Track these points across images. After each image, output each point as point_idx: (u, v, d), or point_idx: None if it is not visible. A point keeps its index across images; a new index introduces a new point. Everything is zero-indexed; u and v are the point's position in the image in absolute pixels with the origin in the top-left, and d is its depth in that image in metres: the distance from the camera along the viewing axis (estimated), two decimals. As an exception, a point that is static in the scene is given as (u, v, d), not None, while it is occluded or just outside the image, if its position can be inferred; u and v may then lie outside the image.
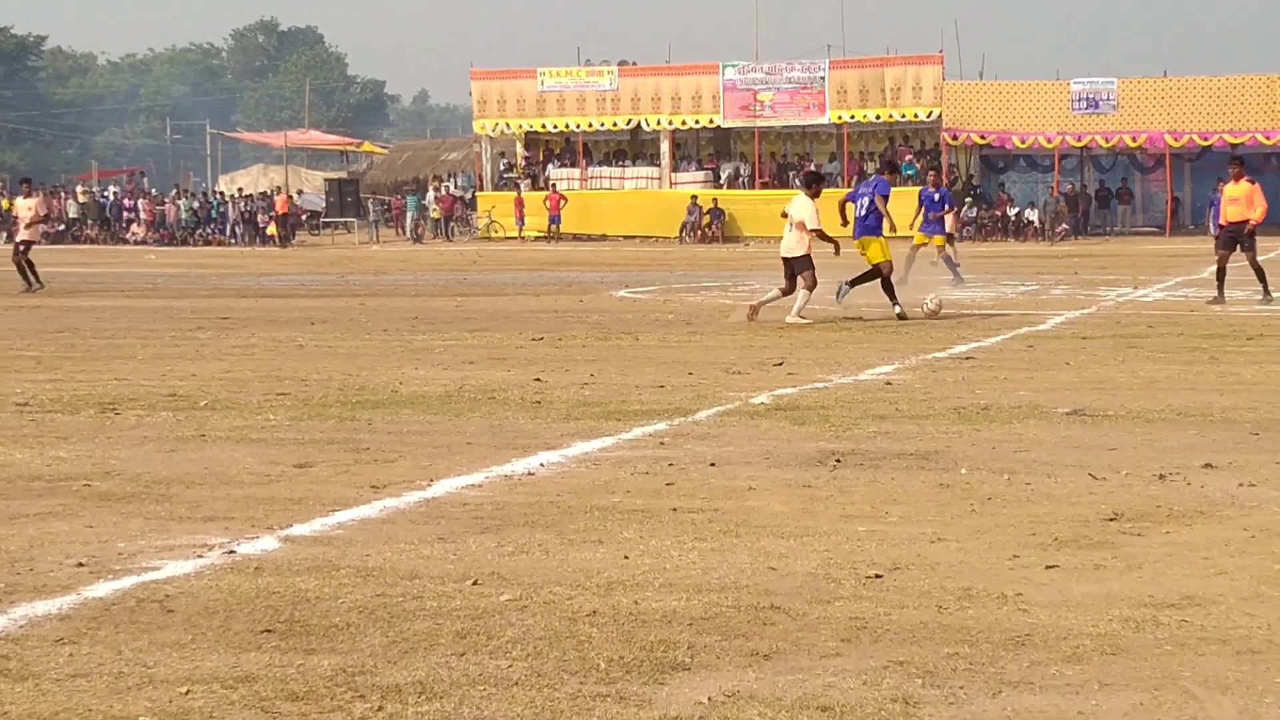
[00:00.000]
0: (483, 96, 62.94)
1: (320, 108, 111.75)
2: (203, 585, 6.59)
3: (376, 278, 35.04)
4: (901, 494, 8.56)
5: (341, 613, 6.15)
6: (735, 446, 10.23)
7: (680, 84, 60.28)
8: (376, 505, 8.34)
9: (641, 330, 19.77)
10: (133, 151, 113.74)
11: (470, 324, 21.12)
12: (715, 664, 5.47)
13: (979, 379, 13.88)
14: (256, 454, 10.06)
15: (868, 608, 6.18)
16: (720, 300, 25.69)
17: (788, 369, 14.91)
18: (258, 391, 13.30)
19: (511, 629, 5.90)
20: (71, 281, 34.39)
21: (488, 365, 15.51)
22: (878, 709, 4.98)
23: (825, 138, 61.68)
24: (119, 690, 5.20)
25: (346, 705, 5.04)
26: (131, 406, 12.38)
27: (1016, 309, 23.40)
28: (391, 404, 12.47)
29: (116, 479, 9.16)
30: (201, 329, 20.44)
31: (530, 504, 8.33)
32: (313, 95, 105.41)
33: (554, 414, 11.84)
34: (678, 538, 7.49)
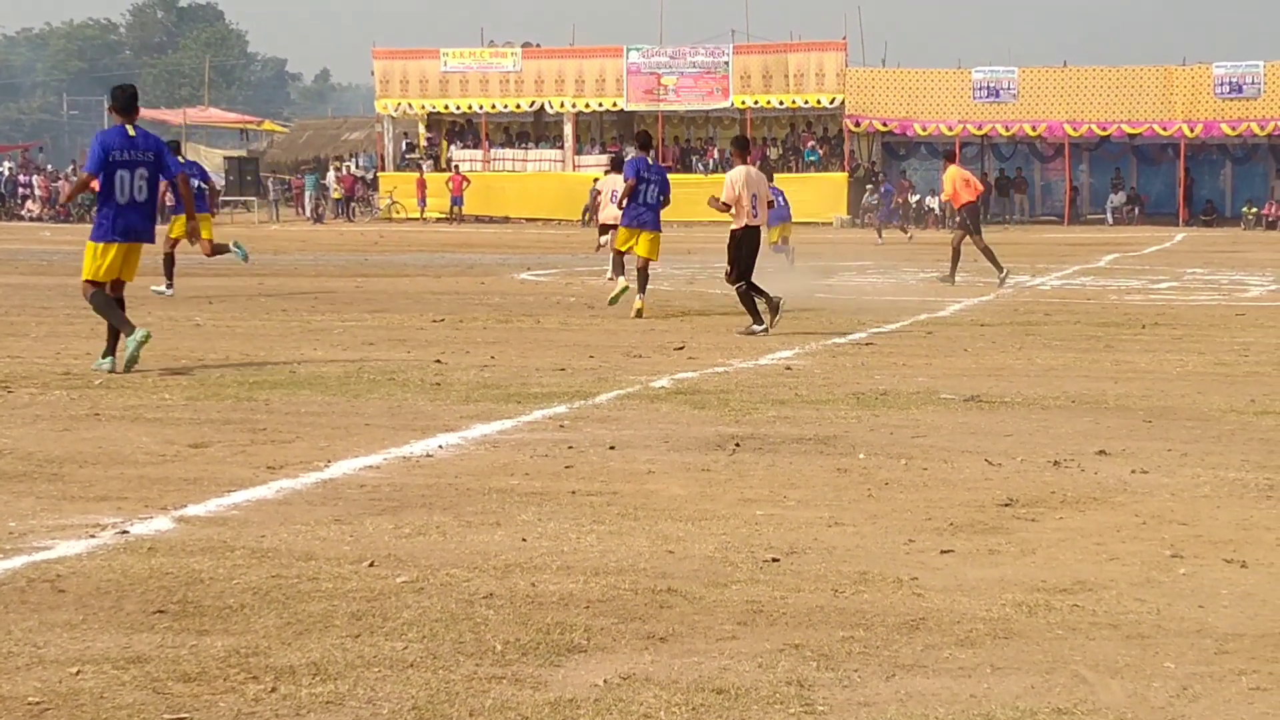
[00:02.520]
0: (385, 76, 62.65)
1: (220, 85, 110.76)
2: (95, 565, 6.52)
3: (276, 257, 34.74)
4: (799, 478, 8.59)
5: (235, 594, 6.10)
6: (635, 430, 10.24)
7: (584, 66, 60.27)
8: (273, 486, 8.27)
9: (543, 313, 19.74)
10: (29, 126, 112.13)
11: (370, 305, 21.00)
12: (612, 646, 5.47)
13: (878, 364, 13.97)
14: (151, 433, 9.95)
15: (764, 591, 6.20)
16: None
17: (688, 353, 14.94)
18: (153, 371, 13.15)
19: (407, 611, 5.88)
20: (-35, 257, 33.89)
21: (387, 346, 15.43)
22: (773, 691, 5.00)
23: (729, 122, 61.83)
24: (7, 670, 5.13)
25: (239, 686, 5.00)
26: (25, 384, 12.22)
27: (916, 296, 23.58)
28: (289, 384, 12.37)
29: (8, 457, 9.03)
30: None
31: (428, 486, 8.30)
32: (212, 72, 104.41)
33: (453, 396, 11.80)
34: (576, 520, 7.49)
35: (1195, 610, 5.99)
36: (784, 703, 4.90)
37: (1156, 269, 31.49)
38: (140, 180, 13.35)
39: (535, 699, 4.91)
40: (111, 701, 4.85)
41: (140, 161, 13.33)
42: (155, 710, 4.78)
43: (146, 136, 13.54)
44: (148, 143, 13.47)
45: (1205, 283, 27.26)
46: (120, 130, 13.36)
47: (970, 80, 57.93)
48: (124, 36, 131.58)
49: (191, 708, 4.81)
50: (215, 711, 4.78)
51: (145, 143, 13.42)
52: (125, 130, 13.34)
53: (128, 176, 13.29)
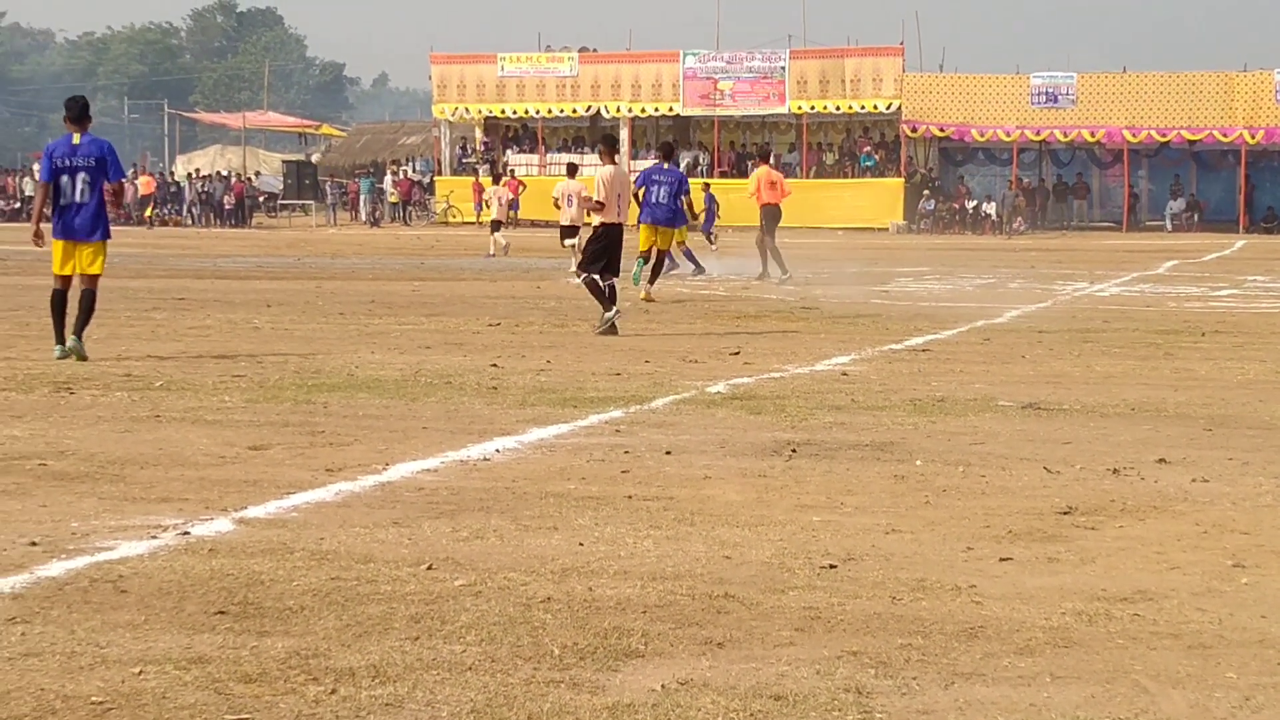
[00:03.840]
0: (442, 81, 62.84)
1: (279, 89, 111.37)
2: (157, 566, 6.57)
3: (333, 261, 34.93)
4: (857, 485, 8.58)
5: (295, 595, 6.13)
6: (691, 435, 10.24)
7: (640, 71, 60.30)
8: (332, 488, 8.31)
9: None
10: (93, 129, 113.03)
11: (427, 309, 21.08)
12: (669, 651, 5.47)
13: (935, 371, 13.93)
14: (211, 435, 10.02)
15: (822, 597, 6.19)
16: (678, 288, 25.68)
17: (744, 358, 14.93)
18: (213, 373, 13.25)
19: (466, 614, 5.89)
20: (26, 260, 34.14)
21: (444, 350, 15.48)
22: (830, 699, 4.99)
23: (784, 128, 61.80)
24: (71, 670, 5.18)
25: (300, 688, 5.03)
26: (87, 386, 12.31)
27: (973, 302, 23.49)
28: (347, 387, 12.43)
29: (71, 458, 9.11)
30: (157, 309, 20.34)
31: (485, 490, 8.32)
32: (271, 77, 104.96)
33: (510, 400, 11.83)
34: (633, 525, 7.50)
35: (1258, 620, 5.95)
36: (842, 710, 4.89)
37: (1216, 276, 31.28)
38: (82, 184, 14.26)
39: (593, 703, 4.92)
40: (174, 702, 4.88)
41: (81, 167, 14.27)
42: (217, 711, 4.81)
43: (92, 143, 14.38)
44: (92, 149, 14.34)
45: (1266, 290, 27.07)
46: (66, 139, 14.41)
47: (1028, 86, 57.66)
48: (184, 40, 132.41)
49: (253, 709, 4.84)
50: (276, 713, 4.81)
51: (88, 149, 14.32)
52: (70, 138, 14.35)
53: (70, 180, 14.27)
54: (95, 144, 14.40)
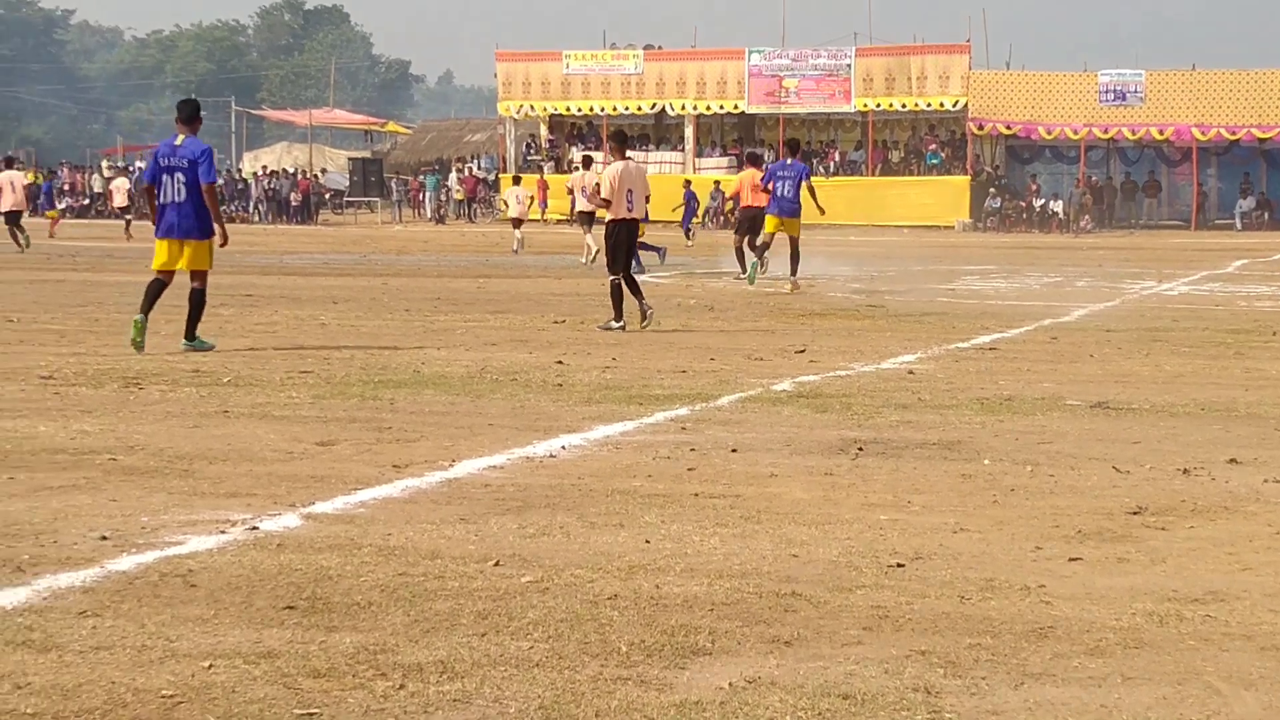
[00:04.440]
0: (508, 78, 62.95)
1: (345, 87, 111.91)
2: (225, 561, 6.61)
3: (399, 258, 35.07)
4: (924, 483, 8.54)
5: (363, 591, 6.15)
6: (757, 433, 10.22)
7: (705, 69, 60.22)
8: (399, 484, 8.34)
9: (663, 315, 19.72)
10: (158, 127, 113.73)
11: (492, 305, 21.12)
12: (736, 650, 5.46)
13: (1002, 370, 13.85)
14: (279, 431, 10.07)
15: (889, 596, 6.16)
16: (744, 287, 25.65)
17: (809, 356, 14.89)
18: (280, 369, 13.32)
19: (533, 611, 5.90)
20: (95, 256, 34.47)
21: (510, 347, 15.51)
22: (899, 698, 4.97)
23: (850, 125, 61.59)
24: (142, 663, 5.21)
25: (368, 683, 5.05)
26: (155, 381, 12.40)
27: (1040, 301, 23.36)
28: (414, 384, 12.47)
29: (140, 453, 9.18)
30: (225, 306, 20.44)
31: (552, 486, 8.33)
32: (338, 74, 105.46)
33: (575, 397, 11.84)
34: (699, 523, 7.49)
35: (1331, 623, 5.88)
36: (911, 709, 4.87)
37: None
38: (179, 183, 14.78)
39: (661, 701, 4.91)
40: (243, 696, 4.91)
41: (178, 167, 14.79)
42: (286, 705, 4.83)
43: (190, 144, 14.85)
44: (188, 150, 14.80)
45: (1337, 289, 26.79)
46: (171, 139, 15.01)
47: (1096, 83, 57.24)
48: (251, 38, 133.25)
49: (321, 703, 4.85)
50: (344, 707, 4.83)
51: (186, 150, 14.80)
52: (174, 139, 14.95)
53: (169, 180, 14.81)
54: (193, 145, 14.81)
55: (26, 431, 9.91)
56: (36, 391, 11.83)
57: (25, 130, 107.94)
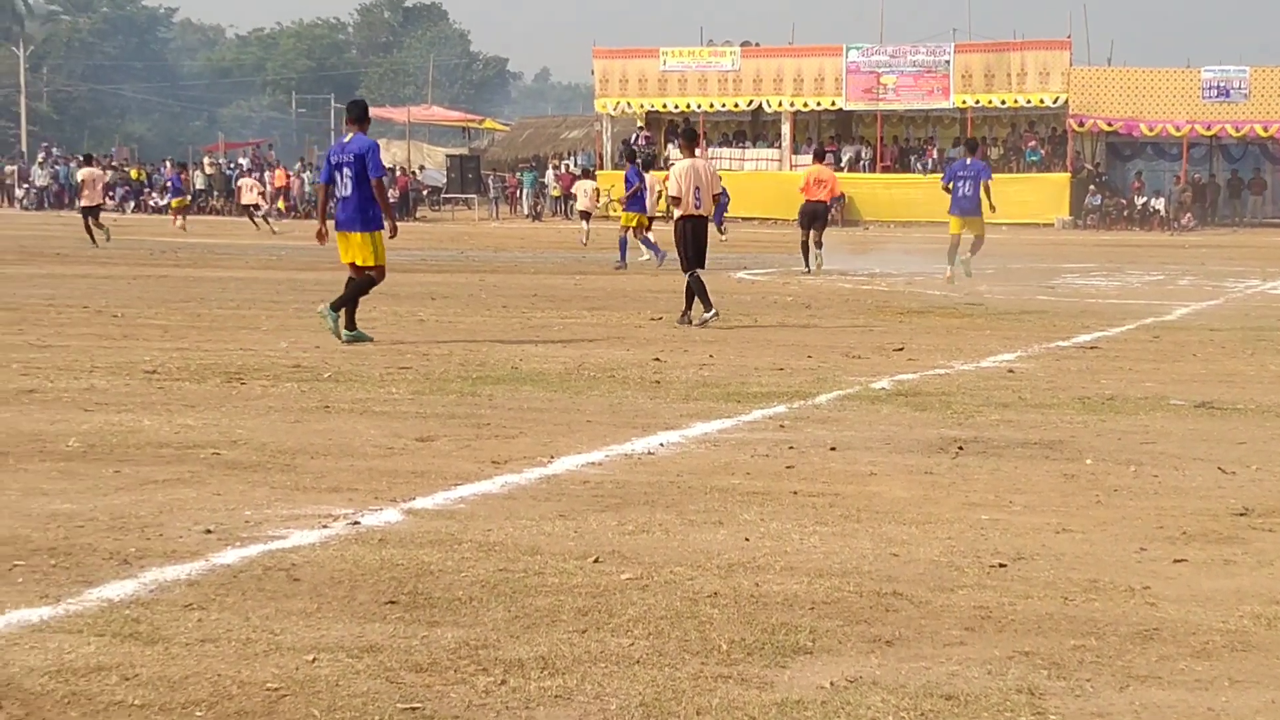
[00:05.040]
0: (605, 75, 63.04)
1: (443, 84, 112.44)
2: (328, 555, 6.66)
3: (496, 254, 35.21)
4: (1025, 483, 8.47)
5: (464, 586, 6.18)
6: (856, 431, 10.18)
7: (803, 65, 60.03)
8: (498, 480, 8.37)
9: (760, 312, 19.73)
10: (258, 124, 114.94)
11: (589, 302, 21.16)
12: (837, 649, 5.44)
13: (1104, 369, 13.72)
14: (379, 426, 10.13)
15: (992, 597, 6.12)
16: (840, 284, 25.57)
17: (908, 354, 14.81)
18: (380, 365, 13.40)
19: (633, 608, 5.90)
20: (197, 252, 34.84)
21: (607, 344, 15.53)
22: (1002, 699, 4.93)
23: (949, 122, 61.17)
24: (247, 656, 5.26)
25: (470, 678, 5.07)
26: (257, 376, 12.52)
27: (1142, 299, 23.11)
28: (512, 380, 12.52)
29: (243, 448, 9.26)
30: (324, 301, 20.59)
31: (650, 483, 8.33)
32: (436, 71, 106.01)
33: (673, 394, 11.84)
34: (798, 521, 7.46)
35: None
36: (1015, 711, 4.83)
37: (1394, 274, 30.49)
38: (347, 179, 15.31)
39: (762, 699, 4.90)
40: (347, 690, 4.94)
41: (346, 163, 15.32)
42: (389, 699, 4.86)
43: (358, 141, 15.42)
44: (356, 146, 15.35)
45: None
46: (341, 138, 15.65)
47: (1199, 80, 56.57)
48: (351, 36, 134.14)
49: (424, 698, 4.88)
50: (447, 702, 4.85)
51: (354, 146, 15.35)
52: (344, 137, 15.58)
53: (339, 177, 15.40)
54: (360, 141, 15.41)
55: (131, 425, 10.03)
56: (141, 386, 11.97)
57: (128, 127, 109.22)
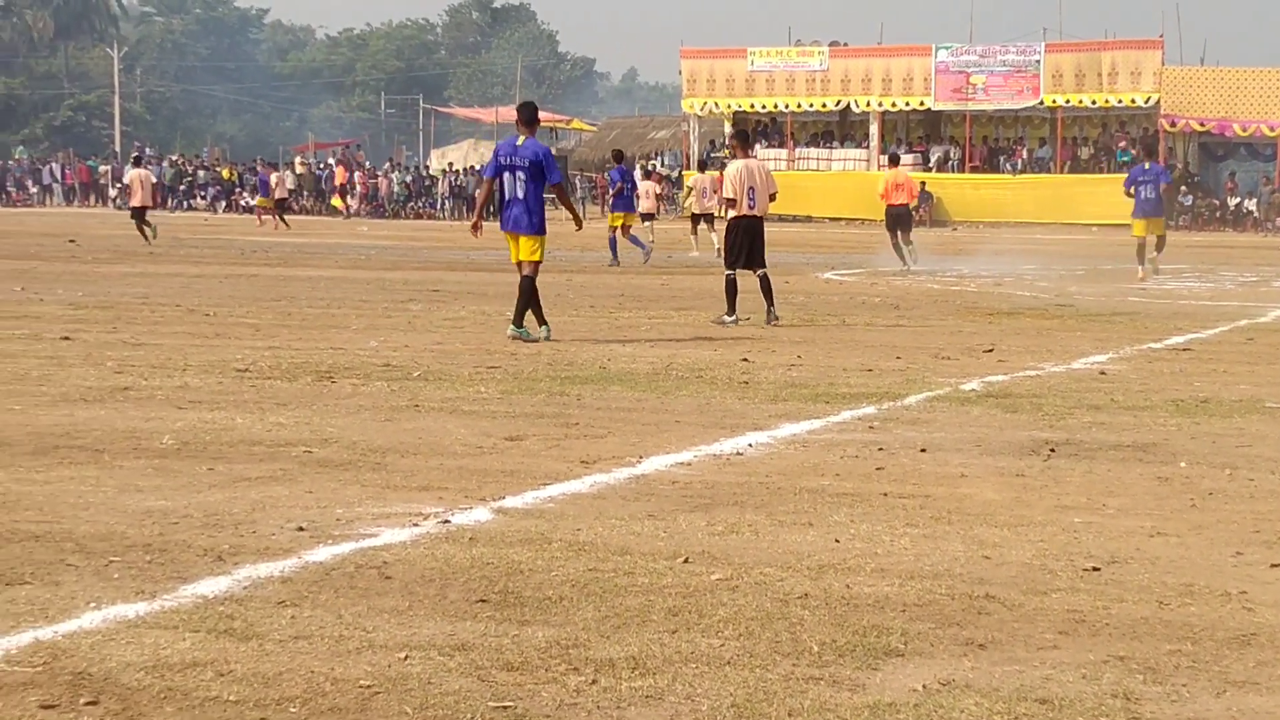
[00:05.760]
0: (692, 75, 63.02)
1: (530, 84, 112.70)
2: (419, 553, 6.69)
3: (583, 254, 35.23)
4: (1118, 486, 8.40)
5: (554, 585, 6.19)
6: (946, 433, 10.12)
7: (891, 65, 59.77)
8: (587, 480, 8.39)
9: (848, 313, 19.66)
10: (348, 124, 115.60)
11: (675, 302, 21.16)
12: (930, 651, 5.41)
13: (1197, 371, 13.58)
14: (469, 426, 10.17)
15: (1085, 600, 6.07)
16: (928, 285, 25.44)
17: (998, 356, 14.72)
18: (469, 364, 13.46)
19: (723, 608, 5.89)
20: (287, 251, 35.11)
21: (694, 344, 15.53)
22: (1097, 704, 4.88)
23: (1038, 122, 60.69)
24: (340, 653, 5.29)
25: (560, 677, 5.08)
26: (347, 375, 12.60)
27: (1235, 301, 22.86)
28: (600, 380, 12.54)
29: (334, 446, 9.32)
30: (413, 301, 20.74)
31: (739, 484, 8.32)
32: (524, 72, 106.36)
33: (761, 395, 11.82)
34: (889, 523, 7.43)
35: None
36: (1110, 716, 4.79)
37: None
38: (519, 181, 15.61)
39: (854, 701, 4.88)
40: (439, 688, 4.96)
41: (519, 166, 15.61)
42: (480, 697, 4.87)
43: (531, 145, 15.73)
44: (530, 150, 15.67)
45: None
46: (511, 140, 15.89)
47: (1294, 79, 55.87)
48: (440, 37, 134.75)
49: (515, 696, 4.89)
50: (538, 701, 4.86)
51: (527, 150, 15.66)
52: (515, 139, 15.82)
53: (511, 178, 15.66)
54: (534, 147, 15.77)
55: (224, 423, 10.12)
56: (233, 384, 12.08)
57: (220, 127, 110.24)
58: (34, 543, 6.81)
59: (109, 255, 31.74)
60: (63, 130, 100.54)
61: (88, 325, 16.57)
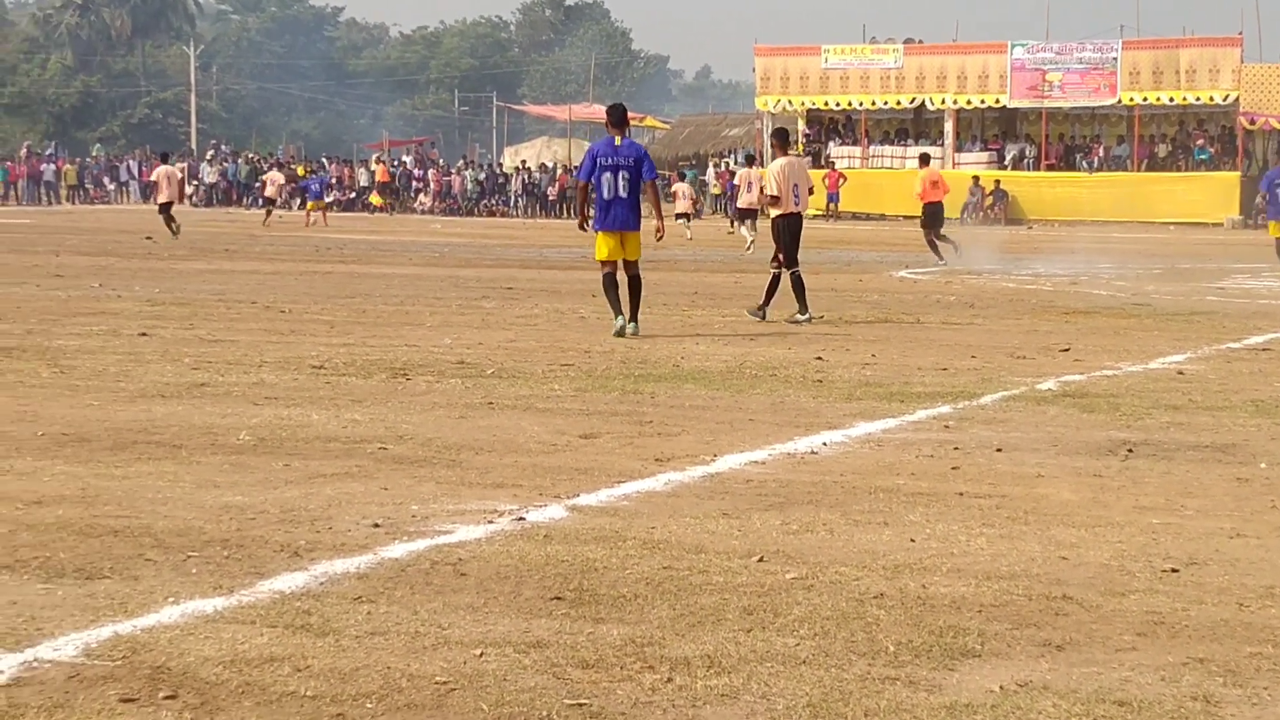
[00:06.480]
0: (766, 73, 62.90)
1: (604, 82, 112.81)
2: (494, 550, 6.70)
3: (654, 252, 35.21)
4: (1197, 487, 8.32)
5: (629, 584, 6.19)
6: (1022, 432, 10.06)
7: (967, 63, 59.45)
8: (661, 478, 8.38)
9: (922, 311, 19.57)
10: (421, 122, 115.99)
11: (749, 300, 21.06)
12: (1006, 652, 5.38)
13: (1277, 371, 13.45)
14: (543, 423, 10.19)
15: (1164, 602, 6.01)
16: (1003, 284, 25.30)
17: (1074, 355, 14.62)
18: (542, 362, 13.49)
19: (798, 608, 5.88)
20: (361, 249, 35.29)
21: (768, 342, 15.50)
22: (1177, 706, 4.84)
23: (1115, 120, 60.23)
24: (415, 650, 5.31)
25: (636, 675, 5.08)
26: (421, 372, 12.64)
27: (1315, 300, 22.60)
28: (674, 378, 12.53)
29: (409, 443, 9.36)
30: (486, 298, 20.80)
31: (814, 483, 8.30)
32: (597, 69, 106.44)
33: (836, 393, 11.78)
34: (965, 523, 7.39)
35: None
36: (1189, 718, 4.74)
37: None
38: (622, 181, 15.96)
39: (930, 702, 4.86)
40: (514, 684, 4.97)
41: (621, 166, 15.99)
42: (556, 695, 4.88)
43: (629, 145, 16.25)
44: (628, 150, 16.18)
45: None
46: (608, 141, 16.27)
47: (1376, 76, 55.21)
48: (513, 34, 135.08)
49: (590, 694, 4.89)
50: (613, 699, 4.86)
51: (626, 150, 16.14)
52: (612, 141, 16.18)
53: (612, 178, 16.00)
54: (632, 147, 16.37)
55: (300, 420, 10.18)
56: (309, 381, 12.15)
57: (295, 125, 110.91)
58: (113, 537, 6.88)
59: (185, 252, 31.99)
60: (139, 128, 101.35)
61: (165, 321, 16.71)
